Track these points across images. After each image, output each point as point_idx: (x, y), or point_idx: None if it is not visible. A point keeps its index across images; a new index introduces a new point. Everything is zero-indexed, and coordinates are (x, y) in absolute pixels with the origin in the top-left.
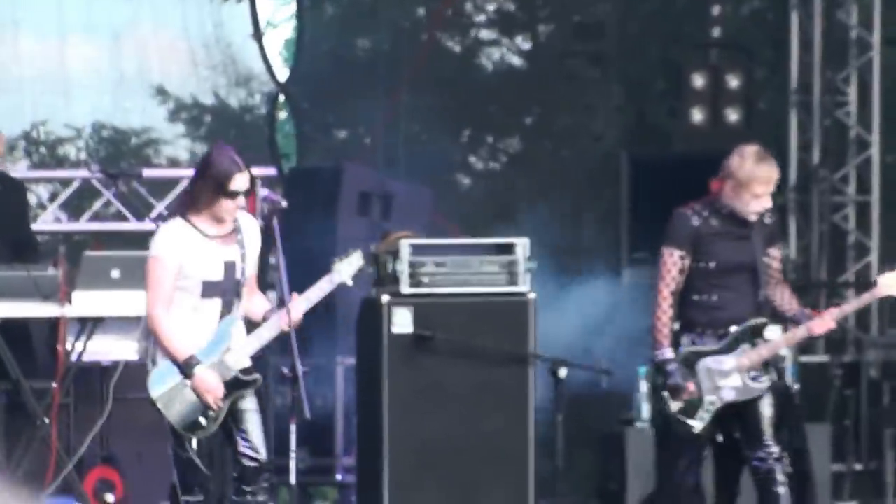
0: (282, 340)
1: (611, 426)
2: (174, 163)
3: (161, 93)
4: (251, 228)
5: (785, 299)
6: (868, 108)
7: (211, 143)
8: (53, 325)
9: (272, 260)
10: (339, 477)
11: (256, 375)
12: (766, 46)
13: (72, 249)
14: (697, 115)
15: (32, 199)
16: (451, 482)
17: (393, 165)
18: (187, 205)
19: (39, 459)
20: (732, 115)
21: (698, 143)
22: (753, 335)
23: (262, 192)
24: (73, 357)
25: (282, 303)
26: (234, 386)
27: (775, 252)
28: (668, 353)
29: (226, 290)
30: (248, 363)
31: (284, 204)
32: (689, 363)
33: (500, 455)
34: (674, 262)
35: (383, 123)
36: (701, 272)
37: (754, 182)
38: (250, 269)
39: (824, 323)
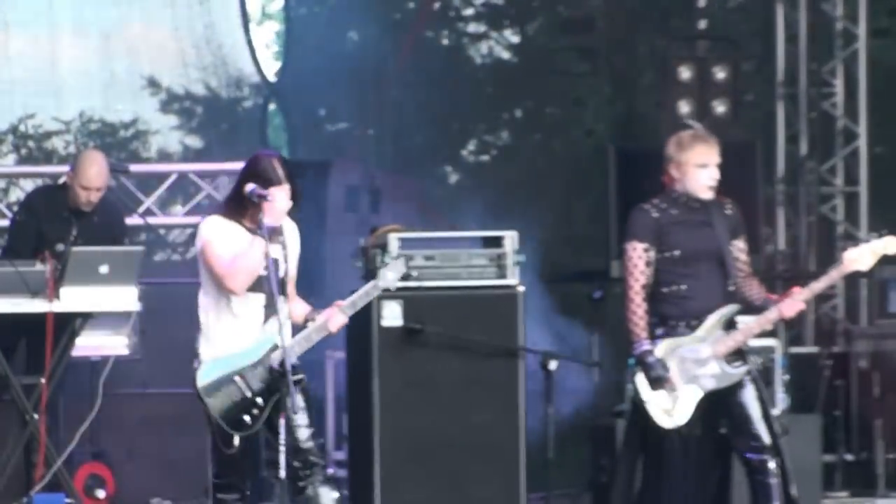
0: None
1: (602, 418)
2: (164, 155)
3: (152, 84)
4: (292, 232)
5: (754, 291)
6: (855, 100)
7: (204, 136)
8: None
9: None
10: (330, 471)
11: (302, 375)
12: (753, 39)
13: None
14: (684, 108)
15: (19, 194)
16: (441, 475)
17: (382, 159)
18: (232, 208)
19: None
20: (719, 108)
21: None
22: (726, 322)
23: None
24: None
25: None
26: (280, 385)
27: (741, 244)
28: (646, 344)
29: (269, 286)
30: (295, 363)
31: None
32: (665, 355)
33: (491, 448)
34: (638, 255)
35: (373, 117)
36: (667, 262)
37: (693, 152)
38: (292, 270)
39: (793, 304)
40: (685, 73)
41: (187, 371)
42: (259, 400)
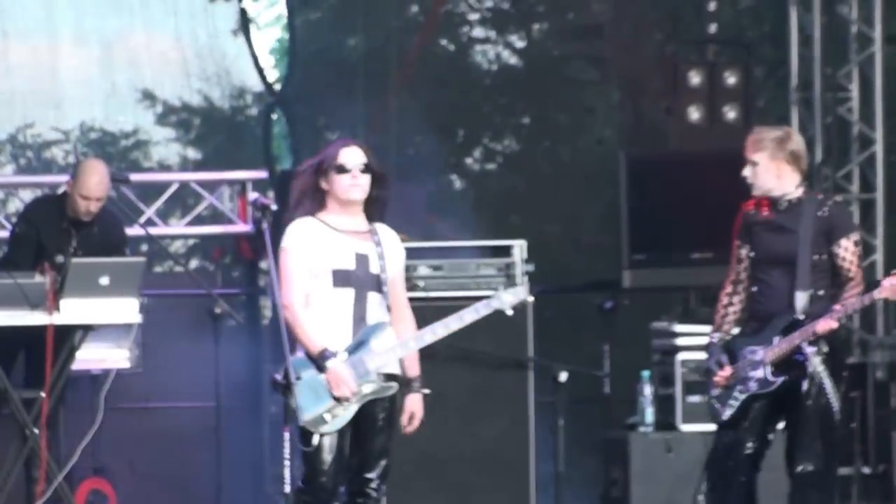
0: (276, 347)
1: (614, 431)
2: (164, 166)
3: (148, 96)
4: (391, 239)
5: (846, 296)
6: (870, 105)
7: (205, 146)
8: None
9: (263, 265)
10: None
11: (393, 384)
12: (765, 42)
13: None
14: (695, 114)
15: (18, 205)
16: (450, 489)
17: (386, 167)
18: (313, 204)
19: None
20: (730, 113)
21: (696, 142)
22: (785, 329)
23: (253, 195)
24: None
25: (275, 308)
26: (369, 388)
27: (845, 243)
28: (713, 336)
29: (359, 281)
30: (390, 369)
31: (275, 207)
32: (731, 350)
33: (500, 461)
34: (735, 253)
35: (376, 124)
36: (751, 262)
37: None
38: (390, 272)
39: (826, 322)
40: (695, 78)
41: (190, 384)
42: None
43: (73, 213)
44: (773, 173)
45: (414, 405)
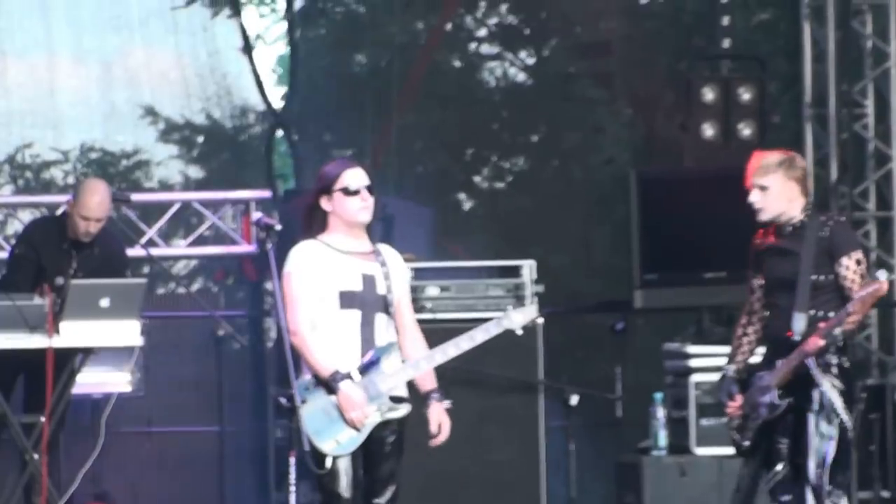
0: (280, 369)
1: (627, 455)
2: (166, 186)
3: (150, 113)
4: (396, 259)
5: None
6: (886, 121)
7: (207, 165)
8: None
9: (268, 286)
10: None
11: (404, 407)
12: (779, 58)
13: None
14: (709, 131)
15: (17, 226)
16: None
17: (393, 186)
18: (315, 226)
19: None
20: (745, 130)
21: (710, 160)
22: (786, 352)
23: (256, 214)
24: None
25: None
26: (380, 410)
27: (846, 261)
28: (726, 367)
29: (365, 303)
30: (401, 391)
31: (279, 227)
32: (743, 379)
33: (511, 486)
34: (749, 283)
35: (382, 142)
36: (763, 290)
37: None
38: (396, 292)
39: (814, 341)
40: (709, 94)
41: (193, 408)
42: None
43: (74, 234)
44: (785, 197)
45: (440, 415)
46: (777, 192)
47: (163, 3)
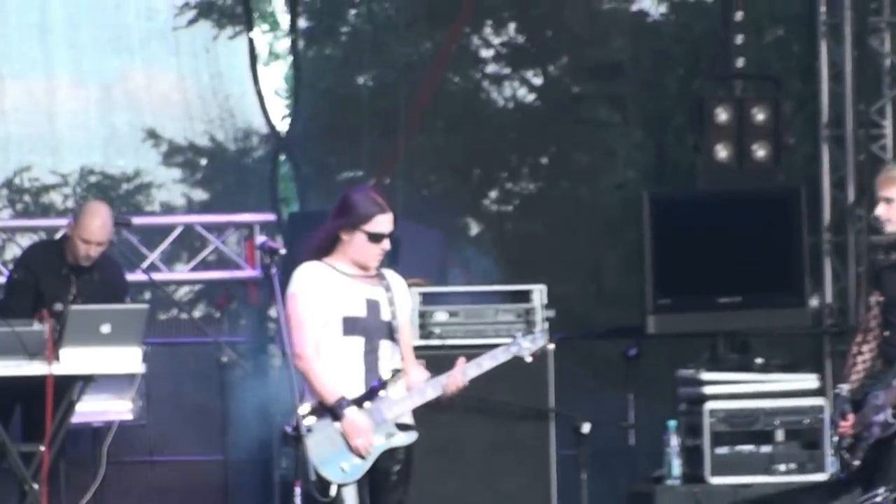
0: (285, 396)
1: (639, 485)
2: (168, 209)
3: (152, 135)
4: (400, 284)
5: None
6: None
7: (210, 188)
8: None
9: (272, 311)
10: None
11: (410, 435)
12: (794, 77)
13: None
14: (722, 152)
15: (15, 250)
16: None
17: (399, 209)
18: (323, 249)
19: None
20: (760, 151)
21: (724, 182)
22: None
23: (260, 238)
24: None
25: (284, 353)
26: (385, 438)
27: None
28: (839, 387)
29: (369, 329)
30: (407, 419)
31: (283, 251)
32: (856, 399)
33: None
34: (868, 302)
35: (387, 165)
36: (882, 307)
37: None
38: (401, 318)
39: None
40: (722, 114)
41: (196, 437)
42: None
43: (73, 259)
44: None
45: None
46: None
47: (164, 25)
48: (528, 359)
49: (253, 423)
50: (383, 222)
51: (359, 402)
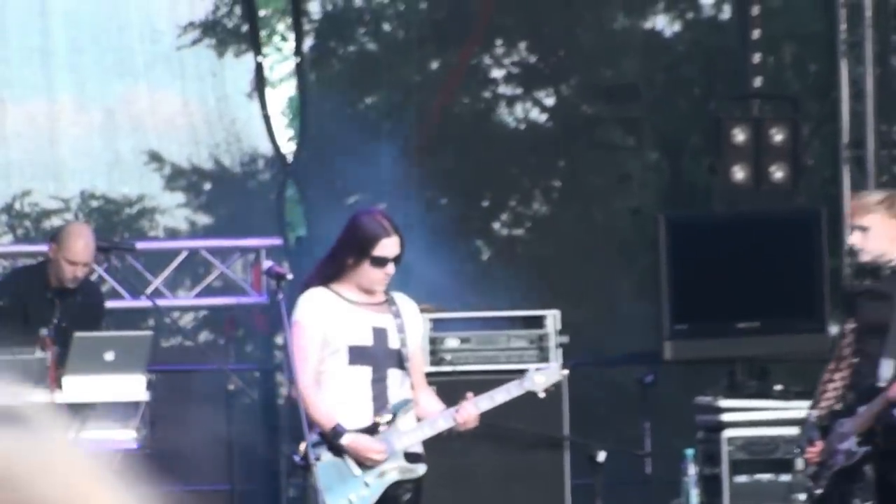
0: (293, 424)
1: None
2: (172, 233)
3: (156, 158)
4: (410, 309)
5: None
6: None
7: (214, 212)
8: None
9: (279, 338)
10: None
11: (421, 466)
12: (813, 97)
13: (61, 331)
14: (740, 173)
15: None
16: None
17: (408, 232)
18: (329, 274)
19: None
20: (778, 173)
21: (741, 204)
22: (869, 398)
23: (267, 263)
24: None
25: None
26: (396, 469)
27: None
28: (809, 413)
29: (377, 358)
30: (417, 449)
31: (290, 276)
32: (824, 426)
33: None
34: (843, 329)
35: (396, 187)
36: (855, 334)
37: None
38: (411, 345)
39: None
40: (739, 135)
41: (202, 466)
42: (368, 479)
43: (58, 282)
44: (887, 236)
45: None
46: (879, 232)
47: (168, 48)
48: (542, 395)
49: (260, 452)
50: (388, 246)
51: (366, 433)
